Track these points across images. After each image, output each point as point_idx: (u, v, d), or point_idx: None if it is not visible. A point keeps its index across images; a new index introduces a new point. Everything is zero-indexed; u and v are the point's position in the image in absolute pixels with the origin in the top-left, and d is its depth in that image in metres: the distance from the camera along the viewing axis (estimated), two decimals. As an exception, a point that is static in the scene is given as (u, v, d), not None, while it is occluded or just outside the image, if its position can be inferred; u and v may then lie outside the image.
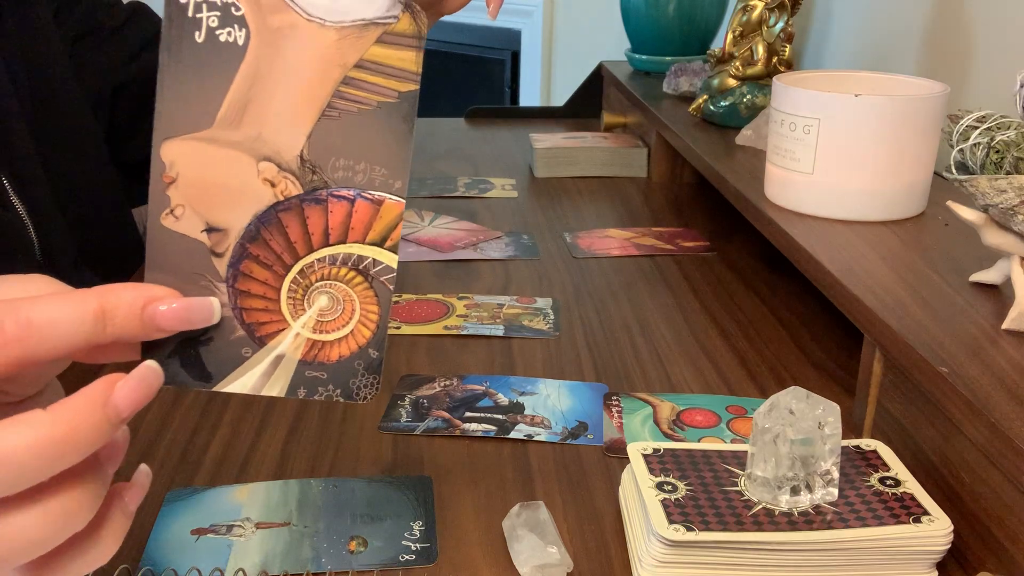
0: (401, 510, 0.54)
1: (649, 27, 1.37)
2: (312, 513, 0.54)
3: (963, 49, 0.94)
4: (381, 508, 0.54)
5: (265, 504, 0.55)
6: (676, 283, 0.89)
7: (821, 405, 0.49)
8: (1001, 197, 0.55)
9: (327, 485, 0.57)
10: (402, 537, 0.52)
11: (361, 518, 0.53)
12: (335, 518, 0.53)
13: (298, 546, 0.51)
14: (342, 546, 0.51)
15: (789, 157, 0.77)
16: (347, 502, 0.55)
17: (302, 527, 0.53)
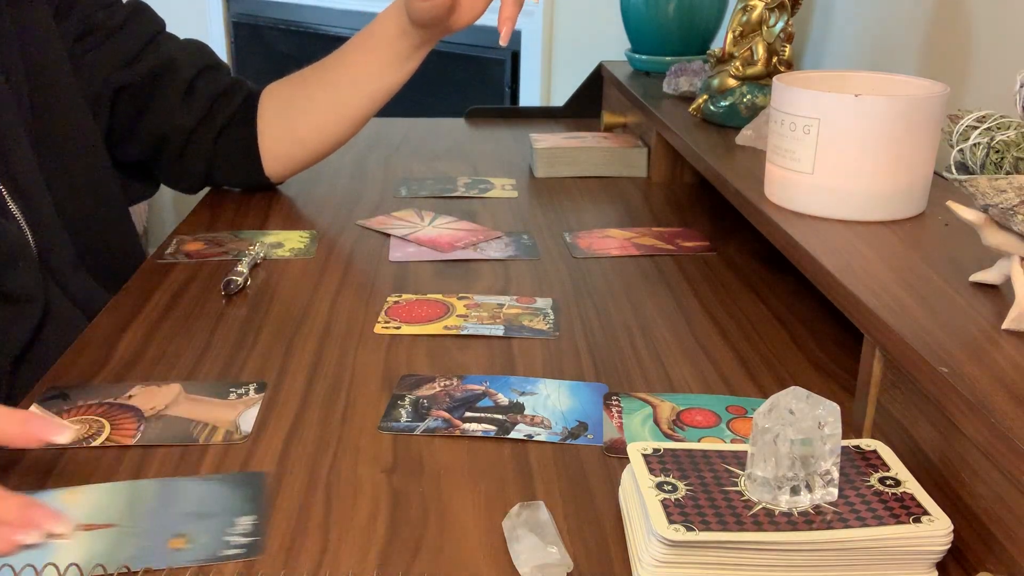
0: (230, 506, 0.55)
1: (649, 27, 1.37)
2: (141, 513, 0.54)
3: (963, 49, 0.94)
4: (211, 505, 0.55)
5: (94, 507, 0.55)
6: (676, 283, 0.89)
7: (821, 405, 0.49)
8: (1001, 197, 0.55)
9: (159, 486, 0.57)
10: (224, 532, 0.52)
11: (188, 516, 0.54)
12: (162, 517, 0.54)
13: (120, 546, 0.51)
14: (163, 543, 0.51)
15: (789, 157, 0.77)
16: (177, 501, 0.55)
17: (128, 527, 0.53)
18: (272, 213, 1.08)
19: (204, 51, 1.07)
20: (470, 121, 1.54)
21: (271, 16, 2.90)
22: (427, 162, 1.31)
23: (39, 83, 0.89)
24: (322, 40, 2.73)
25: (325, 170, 1.21)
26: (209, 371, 0.72)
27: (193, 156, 1.06)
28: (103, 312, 0.82)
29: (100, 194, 0.96)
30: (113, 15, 0.99)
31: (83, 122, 0.95)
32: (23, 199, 0.84)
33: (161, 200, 2.81)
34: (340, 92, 1.05)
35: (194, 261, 0.93)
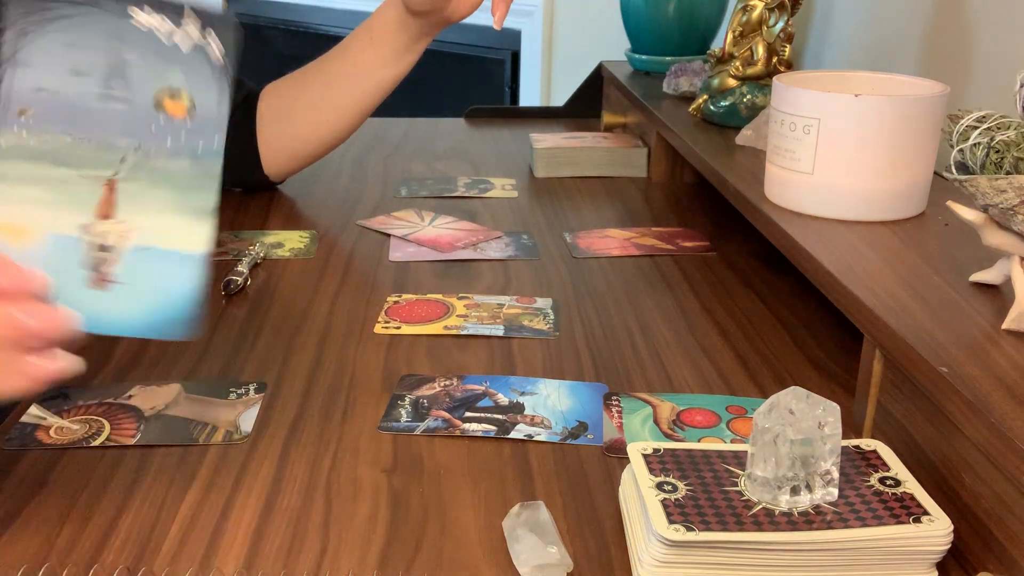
0: None
1: (649, 27, 1.37)
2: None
3: (963, 49, 0.94)
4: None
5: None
6: (676, 283, 0.89)
7: (821, 405, 0.49)
8: (1001, 197, 0.55)
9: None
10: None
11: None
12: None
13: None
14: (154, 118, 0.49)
15: (789, 157, 0.77)
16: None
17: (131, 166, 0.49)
18: (272, 213, 1.08)
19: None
20: (470, 121, 1.54)
21: (271, 16, 2.90)
22: (427, 162, 1.30)
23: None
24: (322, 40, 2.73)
25: (325, 170, 1.21)
26: (209, 371, 0.72)
27: (193, 156, 1.06)
28: (103, 312, 0.82)
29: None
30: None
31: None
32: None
33: (161, 200, 2.81)
34: (339, 87, 1.05)
35: (194, 261, 0.93)
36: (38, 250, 0.46)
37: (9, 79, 0.45)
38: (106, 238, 0.47)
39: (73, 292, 0.46)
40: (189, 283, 0.48)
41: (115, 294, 0.47)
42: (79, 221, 0.47)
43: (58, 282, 0.46)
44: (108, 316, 0.47)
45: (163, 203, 0.48)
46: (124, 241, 0.47)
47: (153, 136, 0.47)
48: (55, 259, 0.46)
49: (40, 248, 0.46)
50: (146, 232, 0.47)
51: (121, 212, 0.47)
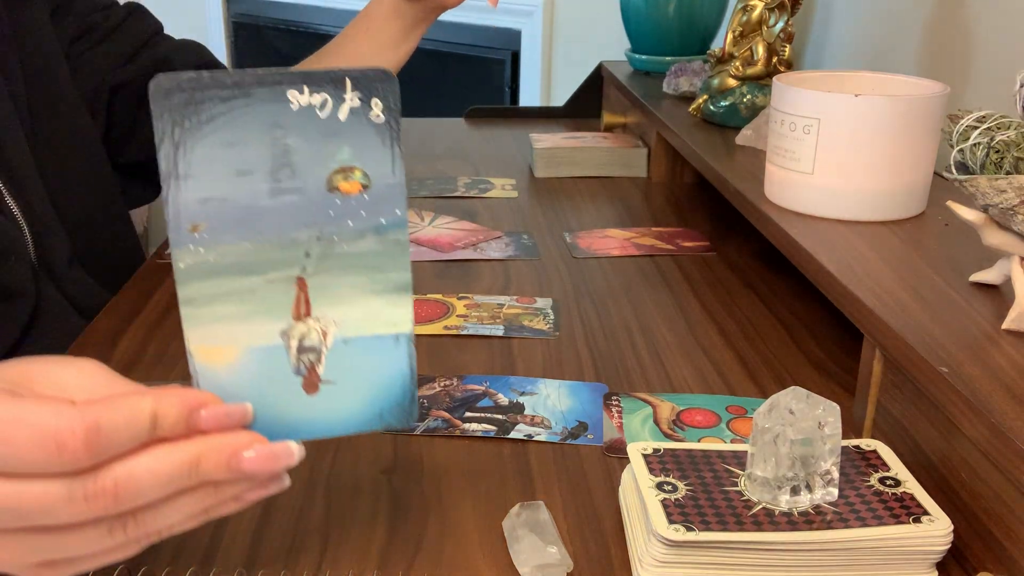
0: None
1: (649, 27, 1.37)
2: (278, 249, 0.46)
3: (963, 49, 0.94)
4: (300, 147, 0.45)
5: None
6: (676, 283, 0.89)
7: (821, 405, 0.49)
8: (1001, 197, 0.55)
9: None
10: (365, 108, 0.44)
11: (286, 161, 0.44)
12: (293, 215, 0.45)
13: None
14: (331, 194, 0.44)
15: (789, 157, 0.77)
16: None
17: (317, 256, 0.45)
18: (272, 213, 1.08)
19: (200, 51, 1.07)
20: (470, 121, 1.54)
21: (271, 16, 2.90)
22: (427, 162, 1.30)
23: (36, 82, 0.89)
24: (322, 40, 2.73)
25: (325, 170, 1.21)
26: (209, 371, 0.72)
27: (193, 157, 1.06)
28: (103, 312, 0.82)
29: (99, 193, 0.96)
30: (110, 16, 0.99)
31: (81, 122, 0.95)
32: (19, 195, 0.84)
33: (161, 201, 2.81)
34: None
35: (194, 261, 0.93)
36: (242, 366, 0.44)
37: (174, 196, 0.42)
38: (307, 340, 0.44)
39: (285, 402, 0.44)
40: (399, 365, 0.46)
41: (327, 394, 0.45)
42: (278, 328, 0.44)
43: (268, 397, 0.44)
44: (324, 419, 0.45)
45: (357, 289, 0.45)
46: (326, 338, 0.44)
47: (333, 221, 0.44)
48: (262, 372, 0.44)
49: (244, 364, 0.44)
50: (346, 323, 0.45)
51: (317, 308, 0.44)
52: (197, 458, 0.41)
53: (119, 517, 0.41)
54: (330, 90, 0.43)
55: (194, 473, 0.41)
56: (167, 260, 0.92)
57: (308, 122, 0.43)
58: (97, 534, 0.41)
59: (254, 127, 0.42)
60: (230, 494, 0.43)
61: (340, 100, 0.43)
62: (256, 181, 0.43)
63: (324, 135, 0.43)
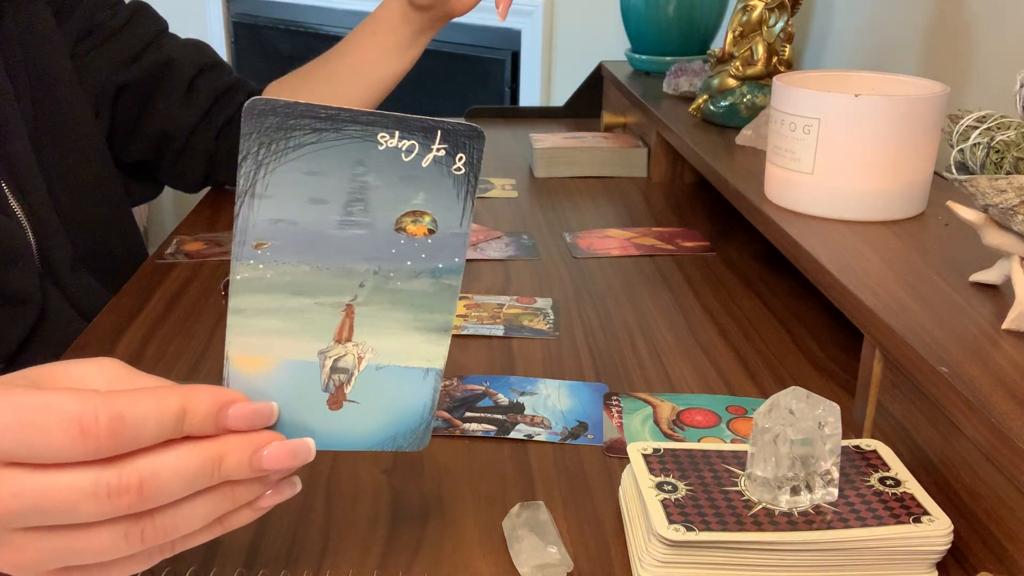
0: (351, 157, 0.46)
1: (649, 27, 1.37)
2: (334, 276, 0.47)
3: (963, 49, 0.94)
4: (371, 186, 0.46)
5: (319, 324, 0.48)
6: (676, 283, 0.89)
7: (821, 405, 0.49)
8: (1001, 197, 0.55)
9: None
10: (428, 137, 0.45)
11: (359, 197, 0.45)
12: (349, 249, 0.46)
13: (401, 290, 0.46)
14: (399, 241, 0.45)
15: (789, 157, 0.77)
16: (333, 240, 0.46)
17: (369, 288, 0.46)
18: (272, 213, 1.08)
19: (205, 50, 1.07)
20: (470, 121, 1.54)
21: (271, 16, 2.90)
22: (427, 162, 1.30)
23: (41, 82, 0.89)
24: (322, 40, 2.73)
25: (325, 170, 1.21)
26: (209, 371, 0.72)
27: (194, 155, 1.06)
28: (103, 312, 0.82)
29: (102, 193, 0.96)
30: (115, 15, 0.99)
31: (85, 121, 0.95)
32: (24, 197, 0.84)
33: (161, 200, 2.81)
34: (342, 82, 1.05)
35: (194, 261, 0.93)
36: (275, 376, 0.45)
37: (246, 212, 0.44)
38: (342, 361, 0.46)
39: (307, 413, 0.46)
40: (424, 398, 0.47)
41: (351, 414, 0.46)
42: (317, 347, 0.45)
43: (294, 407, 0.45)
44: (340, 433, 0.47)
45: (401, 323, 0.46)
46: (360, 362, 0.46)
47: (392, 258, 0.45)
48: (291, 384, 0.45)
49: (277, 374, 0.45)
50: (382, 352, 0.46)
51: (358, 334, 0.46)
52: (220, 455, 0.41)
53: (137, 520, 0.41)
54: (419, 138, 0.44)
55: (217, 471, 0.41)
56: (167, 260, 0.92)
57: (391, 164, 0.44)
58: (114, 538, 0.40)
59: (338, 161, 0.44)
60: (245, 496, 0.43)
61: (427, 149, 0.44)
62: (329, 211, 0.44)
63: (403, 178, 0.45)
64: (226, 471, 0.42)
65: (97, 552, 0.41)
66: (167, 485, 0.40)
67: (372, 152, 0.44)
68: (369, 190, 0.44)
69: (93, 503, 0.39)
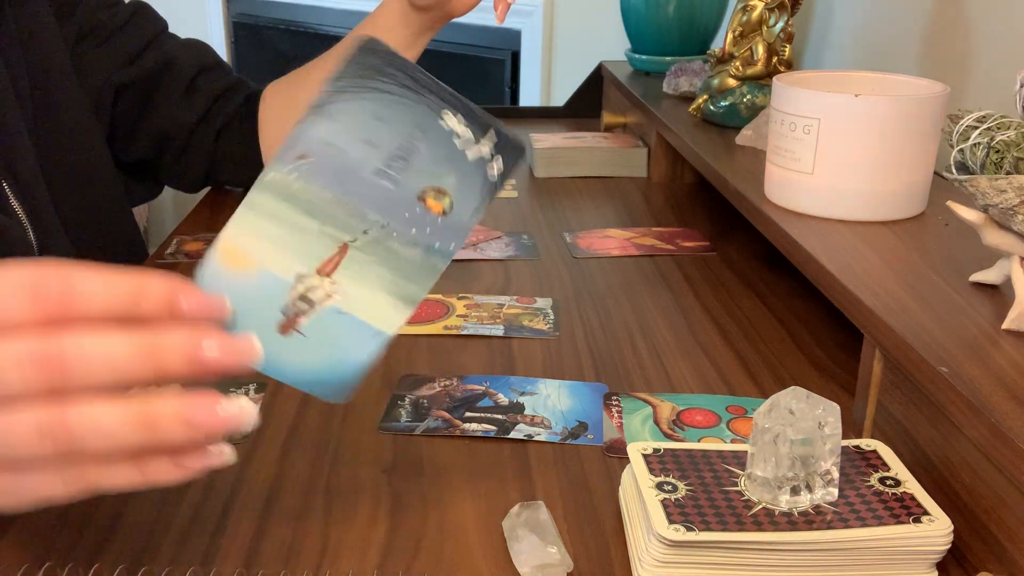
0: (410, 115, 0.49)
1: (649, 27, 1.37)
2: (345, 209, 0.48)
3: (963, 49, 0.94)
4: (387, 130, 0.48)
5: (303, 248, 0.49)
6: (676, 283, 0.89)
7: (821, 405, 0.49)
8: (1001, 197, 0.55)
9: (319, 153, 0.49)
10: (459, 145, 0.49)
11: (392, 162, 0.48)
12: (367, 197, 0.48)
13: (395, 251, 0.48)
14: (424, 214, 0.48)
15: (789, 157, 0.77)
16: (351, 161, 0.48)
17: (366, 236, 0.48)
18: (272, 213, 1.08)
19: (205, 50, 1.07)
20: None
21: (271, 16, 2.90)
22: (427, 162, 1.30)
23: (41, 82, 0.89)
24: (322, 40, 2.73)
25: (325, 170, 1.21)
26: (209, 371, 0.72)
27: (194, 155, 1.06)
28: (103, 312, 0.82)
29: (102, 193, 0.96)
30: (115, 15, 0.99)
31: (85, 121, 0.95)
32: (25, 197, 0.84)
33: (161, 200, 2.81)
34: None
35: (194, 261, 0.93)
36: (246, 280, 0.46)
37: (307, 124, 0.46)
38: (312, 292, 0.47)
39: (258, 330, 0.45)
40: (364, 356, 0.48)
41: (293, 343, 0.47)
42: (297, 269, 0.47)
43: (249, 316, 0.46)
44: (276, 360, 0.47)
45: (380, 281, 0.48)
46: (326, 300, 0.47)
47: (403, 221, 0.48)
48: (257, 294, 0.46)
49: (248, 279, 0.46)
50: (350, 299, 0.47)
51: (339, 275, 0.47)
52: (157, 343, 0.39)
53: (51, 410, 0.37)
54: (476, 130, 0.48)
55: (150, 360, 0.38)
56: (167, 260, 0.92)
57: (443, 141, 0.48)
58: (26, 427, 0.37)
59: (404, 118, 0.47)
60: (170, 429, 0.39)
61: (476, 142, 0.48)
62: (373, 156, 0.47)
63: (446, 158, 0.48)
64: (160, 360, 0.39)
65: (5, 437, 0.38)
66: (91, 363, 0.37)
67: (433, 124, 0.48)
68: (415, 154, 0.48)
69: (15, 370, 0.37)
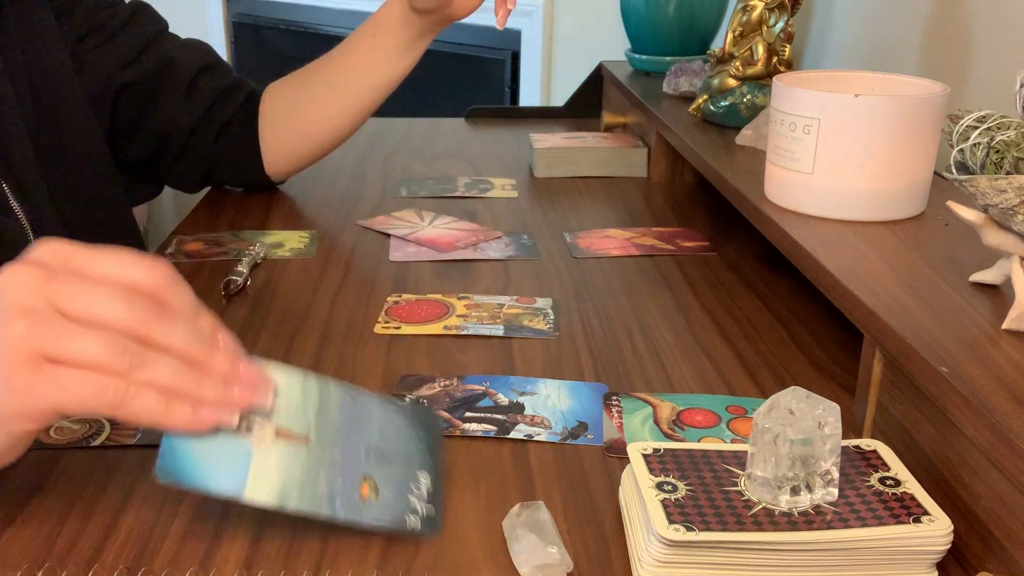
0: (410, 453, 0.52)
1: (649, 27, 1.37)
2: (330, 433, 0.52)
3: (963, 49, 0.94)
4: (392, 442, 0.52)
5: (287, 403, 0.52)
6: (676, 283, 0.89)
7: (821, 405, 0.49)
8: (1001, 197, 0.55)
9: (345, 396, 0.54)
10: (409, 490, 0.50)
11: (374, 453, 0.51)
12: (350, 447, 0.52)
13: (315, 477, 0.50)
14: (355, 488, 0.50)
15: (789, 157, 0.77)
16: (362, 426, 0.53)
17: (319, 450, 0.51)
18: (272, 213, 1.08)
19: (206, 50, 1.07)
20: (470, 121, 1.54)
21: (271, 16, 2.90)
22: (427, 162, 1.31)
23: (41, 83, 0.89)
24: (322, 40, 2.73)
25: (325, 170, 1.21)
26: (209, 371, 0.72)
27: (194, 155, 1.06)
28: (103, 312, 0.82)
29: (102, 194, 0.96)
30: (115, 15, 0.99)
31: (85, 122, 0.95)
32: (25, 198, 0.84)
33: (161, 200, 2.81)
34: (342, 84, 1.05)
35: (194, 261, 0.93)
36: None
37: (365, 398, 0.55)
38: (259, 427, 0.51)
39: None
40: (219, 485, 0.49)
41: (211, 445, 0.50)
42: (266, 421, 0.51)
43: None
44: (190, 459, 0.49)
45: (288, 472, 0.50)
46: (256, 436, 0.51)
47: (341, 472, 0.51)
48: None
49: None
50: (266, 455, 0.50)
51: (279, 441, 0.51)
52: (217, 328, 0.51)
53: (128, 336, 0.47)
54: (427, 489, 0.53)
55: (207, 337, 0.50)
56: (167, 260, 0.92)
57: (408, 473, 0.53)
58: (105, 339, 0.46)
59: (403, 444, 0.55)
60: (211, 389, 0.49)
61: (415, 496, 0.52)
62: (374, 438, 0.54)
63: (398, 485, 0.52)
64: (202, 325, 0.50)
65: (82, 343, 0.46)
66: (176, 319, 0.48)
67: (414, 461, 0.54)
68: (392, 460, 0.53)
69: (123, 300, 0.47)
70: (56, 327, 0.46)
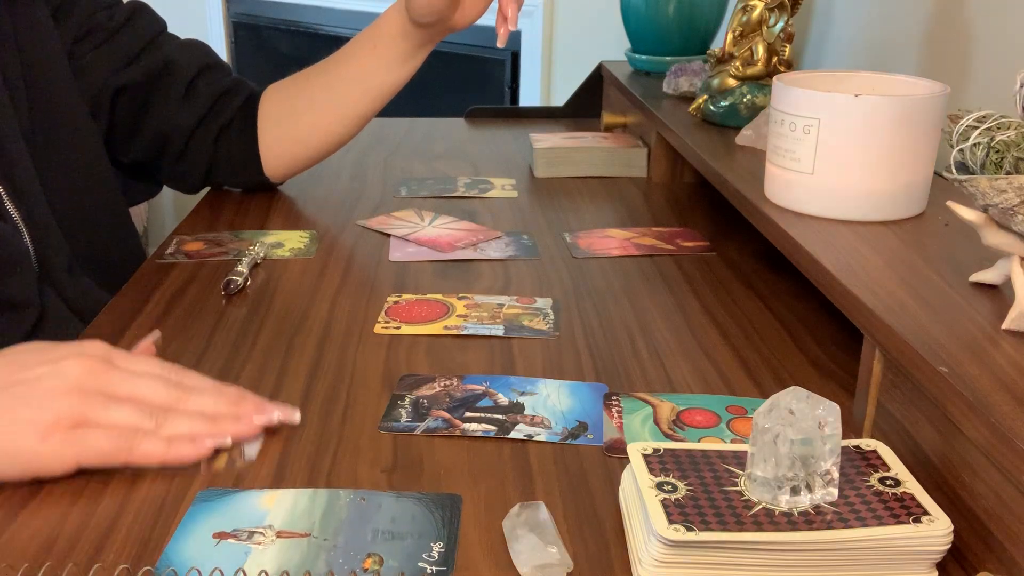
0: (424, 529, 0.53)
1: (649, 27, 1.37)
2: (335, 526, 0.53)
3: (963, 49, 0.94)
4: (404, 525, 0.53)
5: (290, 512, 0.54)
6: (676, 283, 0.89)
7: (821, 405, 0.49)
8: (1001, 197, 0.55)
9: (355, 498, 0.56)
10: (419, 558, 0.51)
11: (382, 535, 0.52)
12: (356, 532, 0.53)
13: (314, 559, 0.50)
14: (357, 563, 0.50)
15: (789, 157, 0.77)
16: (371, 516, 0.54)
17: (321, 539, 0.52)
18: (272, 213, 1.08)
19: (205, 51, 1.07)
20: (470, 121, 1.54)
21: (271, 16, 2.90)
22: (427, 162, 1.31)
23: (37, 84, 0.89)
24: (322, 40, 2.73)
25: (325, 170, 1.21)
26: (209, 371, 0.72)
27: (193, 156, 1.06)
28: (103, 312, 0.82)
29: (99, 195, 0.96)
30: (113, 16, 0.99)
31: (82, 123, 0.95)
32: (21, 201, 0.84)
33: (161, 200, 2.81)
34: (341, 90, 1.05)
35: (194, 261, 0.93)
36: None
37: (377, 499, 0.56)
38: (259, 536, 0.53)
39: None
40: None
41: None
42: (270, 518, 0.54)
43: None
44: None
45: None
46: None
47: (345, 550, 0.52)
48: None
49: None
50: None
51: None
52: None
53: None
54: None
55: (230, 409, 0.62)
56: (167, 260, 0.92)
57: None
58: (135, 409, 0.58)
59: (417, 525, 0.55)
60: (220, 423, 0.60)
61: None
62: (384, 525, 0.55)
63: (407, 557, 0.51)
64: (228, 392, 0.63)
65: (117, 412, 0.58)
66: (203, 392, 0.62)
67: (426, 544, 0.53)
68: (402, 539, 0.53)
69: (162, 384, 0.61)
70: (101, 402, 0.58)
